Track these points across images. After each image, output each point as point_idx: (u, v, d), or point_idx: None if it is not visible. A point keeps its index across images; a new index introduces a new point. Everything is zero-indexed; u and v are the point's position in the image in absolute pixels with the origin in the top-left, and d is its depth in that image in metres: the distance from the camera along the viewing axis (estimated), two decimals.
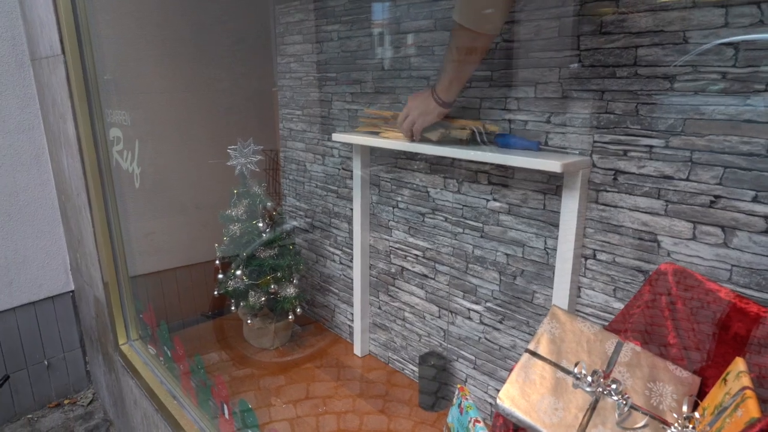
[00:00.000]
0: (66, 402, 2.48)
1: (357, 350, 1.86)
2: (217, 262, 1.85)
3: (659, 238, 1.02)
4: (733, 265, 0.92)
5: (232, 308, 1.93)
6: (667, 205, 1.00)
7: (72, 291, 2.45)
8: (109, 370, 2.18)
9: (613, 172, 1.07)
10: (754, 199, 0.88)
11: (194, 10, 2.07)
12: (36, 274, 2.32)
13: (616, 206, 1.07)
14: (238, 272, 1.81)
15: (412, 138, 1.34)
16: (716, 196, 0.93)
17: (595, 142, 1.09)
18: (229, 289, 1.84)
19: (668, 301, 0.94)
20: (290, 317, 1.89)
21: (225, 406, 1.42)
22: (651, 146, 1.00)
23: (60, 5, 1.72)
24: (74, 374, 2.52)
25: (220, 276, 1.84)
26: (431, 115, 1.26)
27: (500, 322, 1.39)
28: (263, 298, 1.83)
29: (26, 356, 2.35)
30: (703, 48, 0.90)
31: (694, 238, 0.97)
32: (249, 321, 1.89)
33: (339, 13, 1.70)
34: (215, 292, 1.87)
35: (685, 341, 0.93)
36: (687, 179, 0.96)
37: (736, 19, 0.86)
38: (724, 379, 0.81)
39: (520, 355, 1.03)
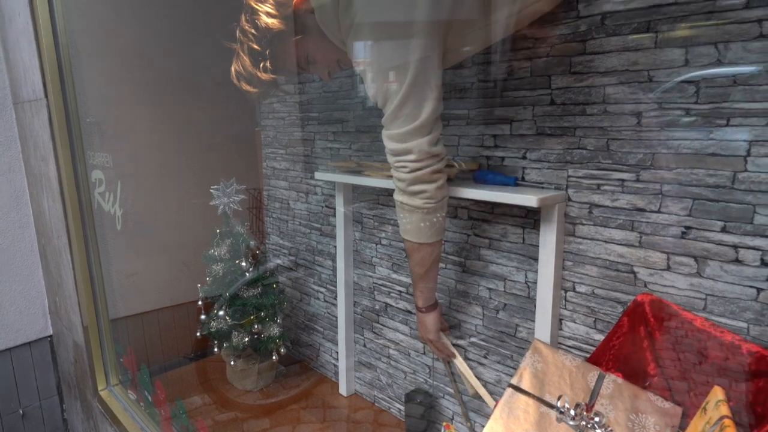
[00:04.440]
0: None
1: (342, 389, 1.84)
2: (200, 302, 1.83)
3: (635, 269, 1.04)
4: (707, 294, 0.94)
5: (215, 349, 1.90)
6: (641, 237, 1.02)
7: (50, 336, 2.39)
8: (87, 417, 2.12)
9: (588, 205, 1.09)
10: (723, 230, 0.91)
11: (177, 51, 2.10)
12: (13, 319, 2.27)
13: (592, 239, 1.10)
14: (221, 312, 1.79)
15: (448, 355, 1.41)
16: (687, 227, 0.95)
17: (569, 176, 1.12)
18: (212, 329, 1.81)
19: (646, 332, 0.96)
20: (274, 357, 1.86)
21: None
22: (623, 180, 1.03)
23: (44, 50, 1.74)
24: (50, 423, 2.44)
25: (203, 317, 1.82)
26: (432, 326, 1.33)
27: (485, 357, 1.38)
28: (246, 339, 1.81)
29: (0, 406, 2.27)
30: (667, 86, 0.95)
31: (668, 268, 0.99)
32: (232, 362, 1.86)
33: None
34: (198, 334, 1.84)
35: (665, 371, 0.94)
36: (658, 211, 0.99)
37: (696, 59, 0.91)
38: (704, 408, 0.82)
39: (505, 390, 1.03)
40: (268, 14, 1.12)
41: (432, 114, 1.03)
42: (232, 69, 1.21)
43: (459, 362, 1.39)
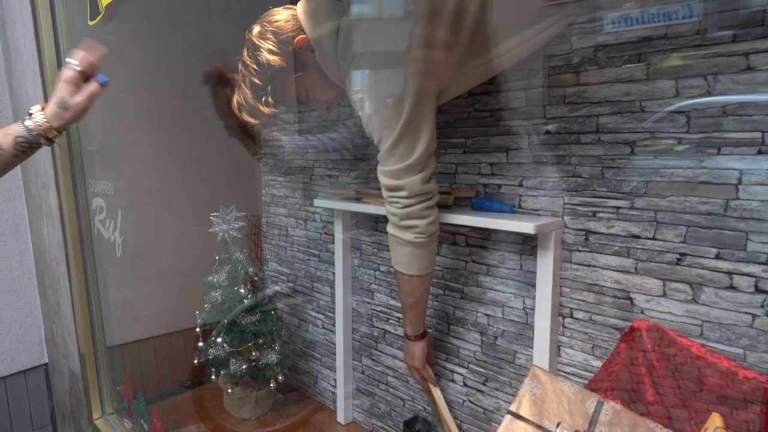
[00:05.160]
0: None
1: (340, 418, 1.82)
2: (198, 329, 1.82)
3: (632, 295, 1.05)
4: (703, 321, 0.95)
5: (213, 377, 1.89)
6: (636, 264, 1.03)
7: (45, 364, 2.37)
8: None
9: (584, 232, 1.11)
10: (717, 256, 0.92)
11: (179, 80, 2.14)
12: (9, 347, 2.26)
13: (589, 265, 1.11)
14: (219, 339, 1.78)
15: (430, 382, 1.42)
16: (681, 254, 0.97)
17: (565, 204, 1.14)
18: (210, 357, 1.80)
19: (644, 359, 0.96)
20: (272, 385, 1.85)
21: None
22: (618, 207, 1.05)
23: (48, 80, 1.78)
24: None
25: (201, 344, 1.81)
26: (419, 354, 1.35)
27: (483, 384, 1.38)
28: (244, 366, 1.80)
29: None
30: (658, 116, 0.97)
31: (664, 294, 1.00)
32: (229, 390, 1.85)
33: None
34: (195, 361, 1.83)
35: (663, 398, 0.94)
36: (653, 238, 1.00)
37: (686, 90, 0.94)
38: None
39: (504, 416, 1.02)
40: (270, 51, 1.15)
41: (424, 152, 1.07)
42: (234, 100, 1.24)
43: (437, 395, 1.38)
